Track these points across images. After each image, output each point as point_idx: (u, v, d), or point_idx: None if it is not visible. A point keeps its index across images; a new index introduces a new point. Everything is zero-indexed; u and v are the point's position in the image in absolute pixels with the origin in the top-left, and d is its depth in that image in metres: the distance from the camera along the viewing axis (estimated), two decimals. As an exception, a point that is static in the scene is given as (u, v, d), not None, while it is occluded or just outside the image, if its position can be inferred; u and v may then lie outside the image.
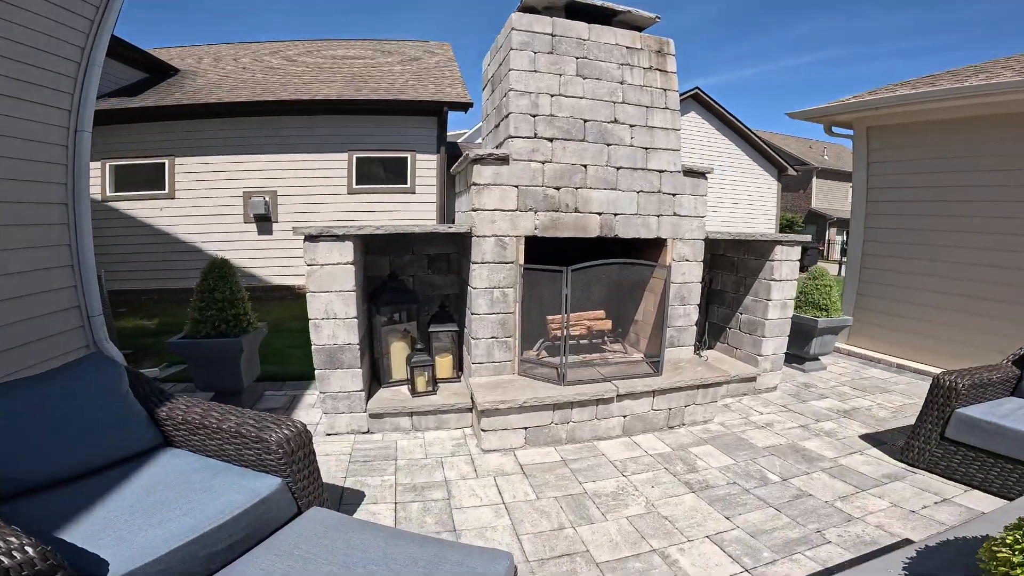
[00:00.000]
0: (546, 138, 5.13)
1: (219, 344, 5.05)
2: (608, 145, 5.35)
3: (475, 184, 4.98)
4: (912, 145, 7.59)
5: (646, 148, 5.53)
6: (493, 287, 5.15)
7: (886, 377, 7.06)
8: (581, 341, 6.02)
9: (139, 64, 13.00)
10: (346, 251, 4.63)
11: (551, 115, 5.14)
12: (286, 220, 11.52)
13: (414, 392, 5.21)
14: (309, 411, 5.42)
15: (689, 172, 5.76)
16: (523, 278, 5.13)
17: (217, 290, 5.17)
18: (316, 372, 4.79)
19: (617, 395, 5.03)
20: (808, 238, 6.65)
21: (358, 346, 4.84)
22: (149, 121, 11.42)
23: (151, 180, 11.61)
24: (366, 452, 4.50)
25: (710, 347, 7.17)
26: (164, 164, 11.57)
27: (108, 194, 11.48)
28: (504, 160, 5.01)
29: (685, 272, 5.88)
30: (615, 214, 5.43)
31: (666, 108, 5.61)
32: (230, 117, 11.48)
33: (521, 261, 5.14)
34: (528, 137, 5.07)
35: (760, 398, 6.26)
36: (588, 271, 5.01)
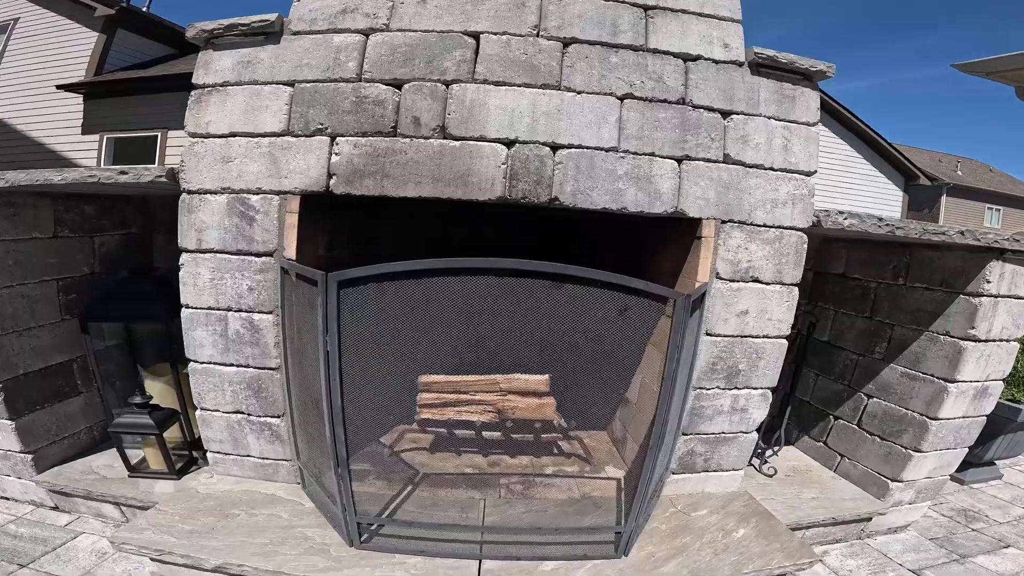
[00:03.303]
0: (375, -38, 2.09)
1: None
2: (538, -20, 2.13)
3: (198, 88, 2.11)
4: None
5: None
6: (227, 308, 2.21)
7: None
8: (488, 432, 2.81)
9: (166, 39, 12.43)
10: None
11: None
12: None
13: (130, 469, 2.60)
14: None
15: (768, 66, 2.27)
16: (297, 290, 2.10)
17: None
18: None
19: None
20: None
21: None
22: (143, 93, 10.50)
23: (145, 154, 10.70)
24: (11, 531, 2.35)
25: (789, 441, 3.43)
26: (156, 137, 10.59)
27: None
28: (268, 35, 2.07)
29: (749, 307, 2.36)
30: (553, 146, 2.15)
31: None
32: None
33: (291, 253, 2.12)
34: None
35: (874, 546, 2.96)
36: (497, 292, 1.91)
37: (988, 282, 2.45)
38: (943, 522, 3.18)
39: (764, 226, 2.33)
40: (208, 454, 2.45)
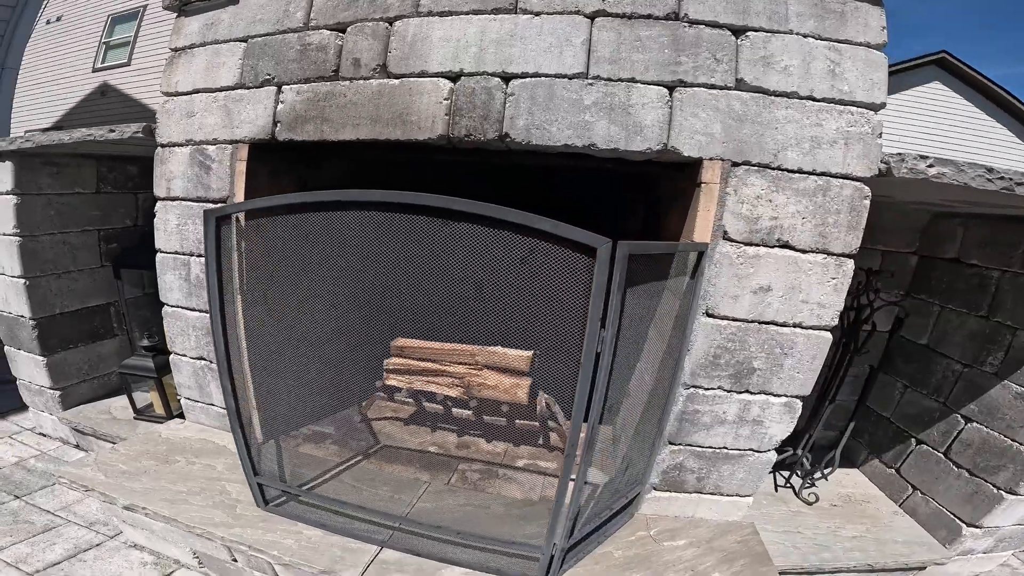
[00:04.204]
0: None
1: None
2: None
3: (171, 52, 2.23)
4: None
5: None
6: (190, 253, 2.22)
7: None
8: (461, 409, 2.44)
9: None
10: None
11: None
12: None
13: (136, 411, 2.82)
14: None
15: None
16: (257, 235, 2.04)
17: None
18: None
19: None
20: None
21: (32, 322, 2.68)
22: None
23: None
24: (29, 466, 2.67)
25: (853, 463, 2.68)
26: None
27: None
28: None
29: (773, 283, 1.70)
30: (504, 76, 1.81)
31: None
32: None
33: (240, 199, 2.07)
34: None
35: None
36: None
37: None
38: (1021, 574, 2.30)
39: (799, 172, 1.67)
40: (181, 400, 2.49)
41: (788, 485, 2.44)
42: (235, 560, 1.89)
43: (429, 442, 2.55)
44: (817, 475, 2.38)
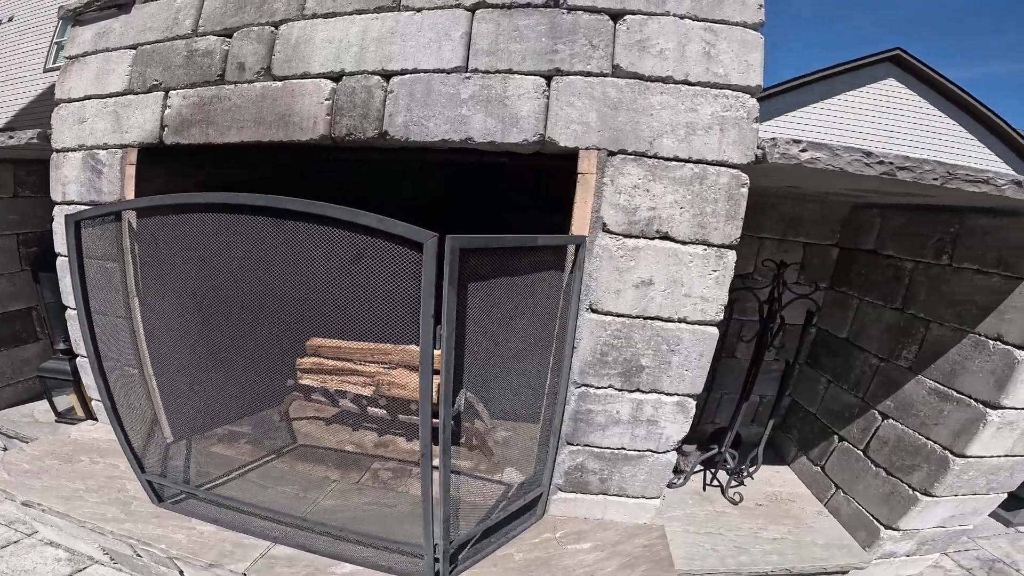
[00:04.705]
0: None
1: None
2: None
3: (68, 59, 2.21)
4: None
5: None
6: (87, 256, 2.18)
7: None
8: (377, 409, 2.38)
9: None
10: None
11: None
12: None
13: (57, 414, 2.77)
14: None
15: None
16: (144, 239, 2.00)
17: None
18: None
19: None
20: None
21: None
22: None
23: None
24: None
25: (784, 460, 2.64)
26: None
27: None
28: (122, 6, 2.11)
29: (655, 276, 1.65)
30: (385, 73, 1.78)
31: None
32: None
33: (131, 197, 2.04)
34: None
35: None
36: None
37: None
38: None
39: (675, 160, 1.64)
40: (92, 402, 2.44)
41: (716, 484, 2.37)
42: (139, 556, 1.89)
43: (347, 441, 2.52)
44: (744, 474, 2.31)
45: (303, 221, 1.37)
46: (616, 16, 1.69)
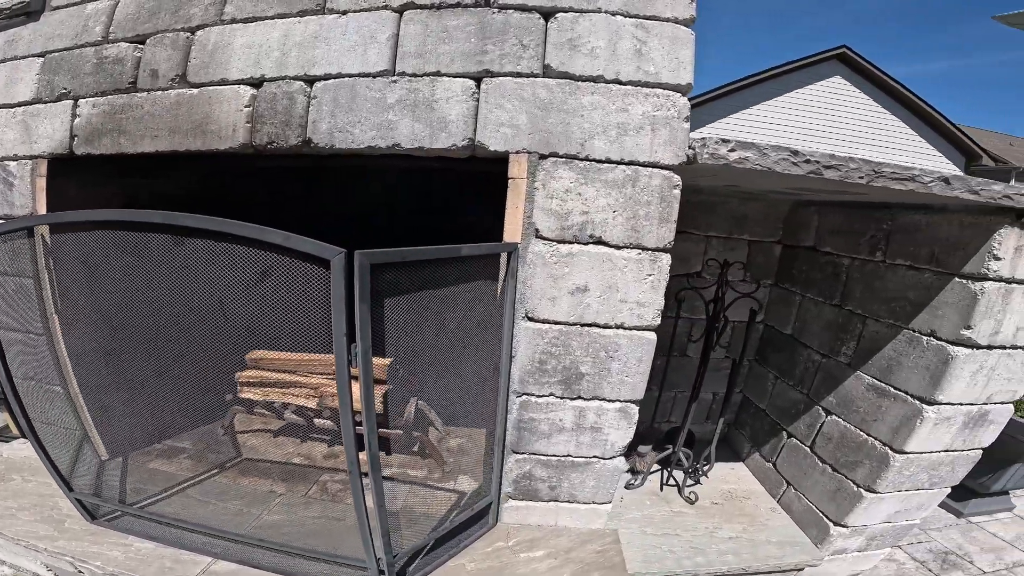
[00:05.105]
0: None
1: None
2: None
3: None
4: None
5: None
6: (3, 272, 2.03)
7: None
8: (324, 420, 2.29)
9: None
10: None
11: None
12: None
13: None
14: None
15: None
16: (60, 255, 1.87)
17: None
18: None
19: None
20: None
21: None
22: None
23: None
24: None
25: (739, 457, 2.66)
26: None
27: None
28: (30, 14, 1.98)
29: (589, 282, 1.62)
30: (308, 79, 1.70)
31: None
32: None
33: (43, 212, 1.90)
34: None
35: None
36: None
37: (997, 259, 1.49)
38: (908, 570, 2.24)
39: (607, 162, 1.61)
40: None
41: (673, 483, 2.37)
42: (80, 572, 1.79)
43: (295, 454, 2.43)
44: (700, 472, 2.31)
45: (204, 238, 1.29)
46: (548, 14, 1.66)
